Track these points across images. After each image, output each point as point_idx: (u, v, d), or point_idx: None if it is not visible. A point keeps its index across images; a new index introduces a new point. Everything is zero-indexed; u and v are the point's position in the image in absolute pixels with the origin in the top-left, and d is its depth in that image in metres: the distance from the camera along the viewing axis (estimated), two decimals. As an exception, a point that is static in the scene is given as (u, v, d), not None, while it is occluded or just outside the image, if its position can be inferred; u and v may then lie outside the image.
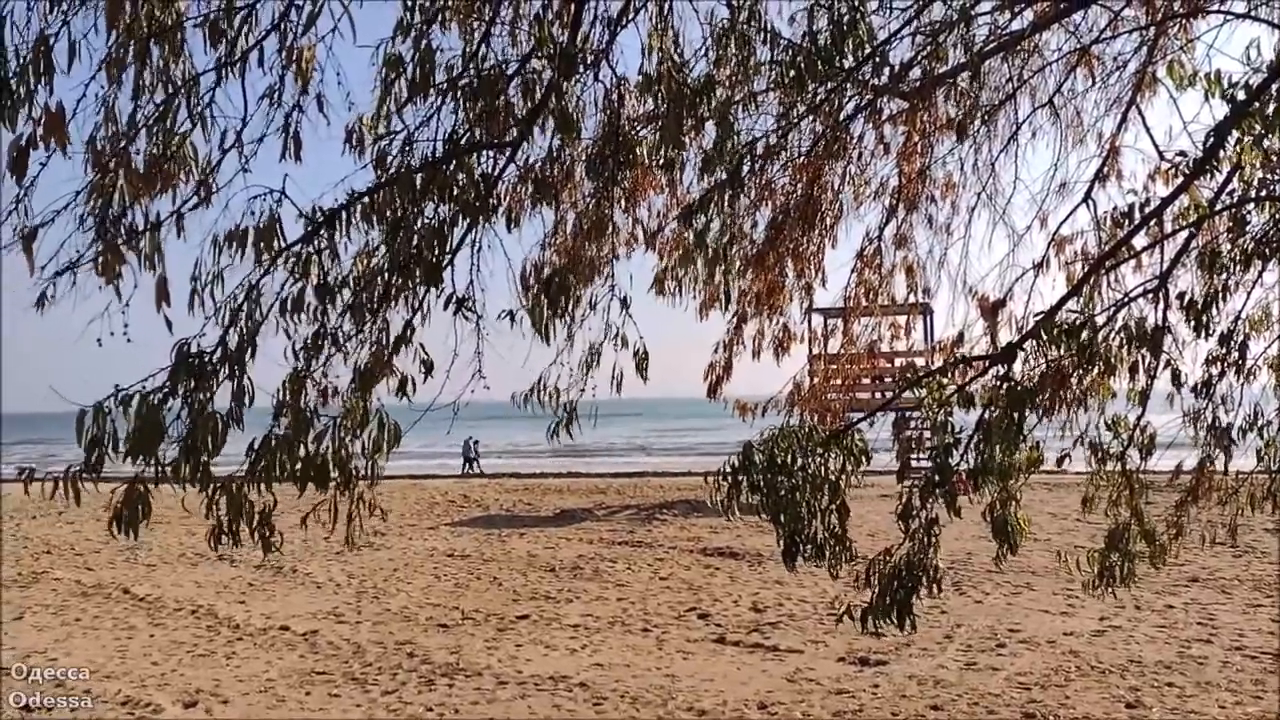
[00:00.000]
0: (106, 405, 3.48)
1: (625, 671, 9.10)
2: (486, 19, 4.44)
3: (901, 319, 9.06)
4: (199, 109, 3.81)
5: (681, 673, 9.04)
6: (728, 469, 4.64)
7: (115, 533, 3.64)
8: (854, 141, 7.06)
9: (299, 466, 3.87)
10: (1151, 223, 5.46)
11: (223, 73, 3.61)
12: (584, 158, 5.12)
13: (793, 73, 4.76)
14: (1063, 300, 5.09)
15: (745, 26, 4.76)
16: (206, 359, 3.72)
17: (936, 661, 9.15)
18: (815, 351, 13.91)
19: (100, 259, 3.43)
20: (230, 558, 15.02)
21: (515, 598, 12.57)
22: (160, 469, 3.55)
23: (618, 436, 59.35)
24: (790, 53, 4.76)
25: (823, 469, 4.70)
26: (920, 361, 12.57)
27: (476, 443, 36.50)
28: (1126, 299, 5.17)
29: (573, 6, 4.03)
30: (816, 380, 9.11)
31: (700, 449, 54.29)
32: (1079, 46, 7.26)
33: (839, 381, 8.90)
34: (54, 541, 17.91)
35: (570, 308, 4.99)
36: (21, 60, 3.43)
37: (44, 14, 3.49)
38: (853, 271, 7.89)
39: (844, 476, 4.76)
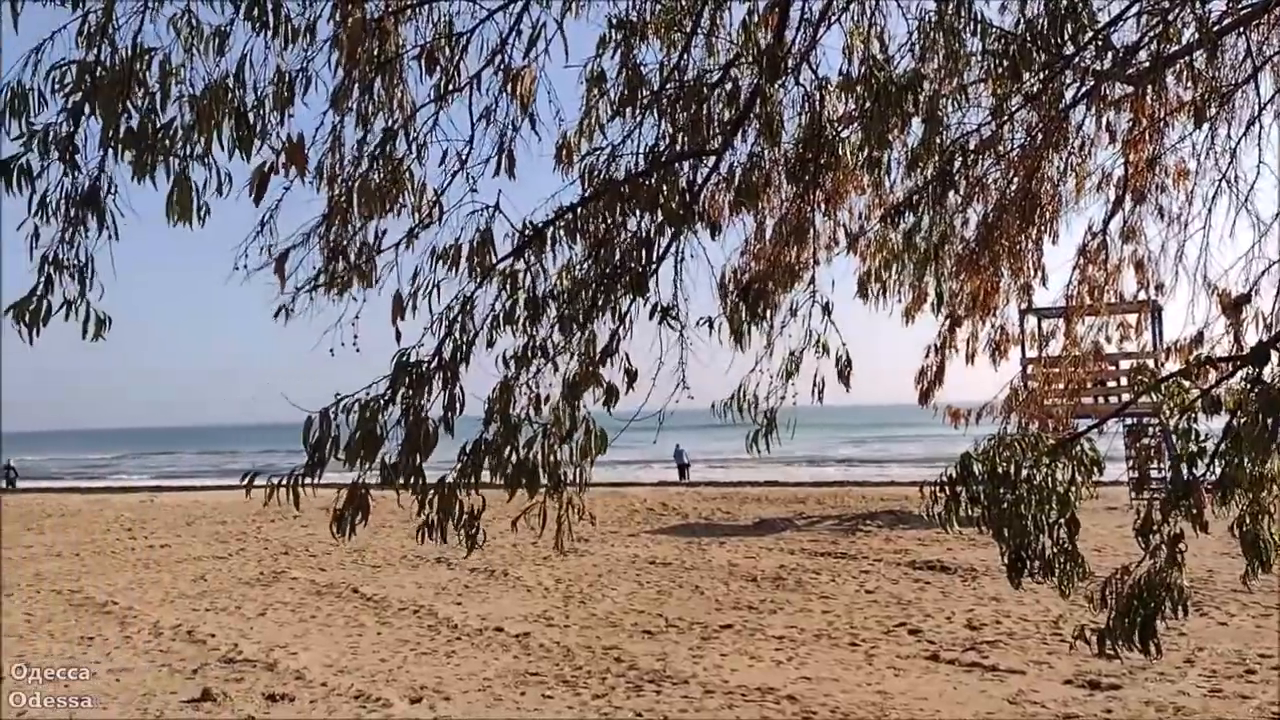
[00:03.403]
0: (331, 412, 3.70)
1: (834, 686, 8.90)
2: (687, 31, 4.46)
3: (1130, 317, 8.41)
4: (418, 136, 4.02)
5: (893, 690, 8.74)
6: (945, 480, 4.44)
7: (335, 534, 3.85)
8: (1074, 131, 6.63)
9: (509, 471, 4.00)
10: None
11: (443, 99, 3.78)
12: (784, 161, 5.06)
13: (1006, 62, 4.54)
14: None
15: (952, 18, 4.58)
16: (423, 368, 3.91)
17: (1177, 687, 8.44)
18: (1032, 354, 13.12)
19: (336, 277, 3.67)
20: (447, 560, 15.79)
21: (718, 607, 12.56)
22: (384, 471, 3.75)
23: (814, 444, 58.39)
24: (1003, 42, 4.54)
25: (1049, 480, 4.43)
26: (1150, 364, 11.65)
27: (685, 451, 37.05)
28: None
29: (778, 11, 3.98)
30: (1036, 385, 8.57)
31: (902, 458, 52.70)
32: (1331, 16, 6.54)
33: (1061, 386, 8.33)
34: (290, 543, 19.40)
35: (768, 314, 4.94)
36: (258, 94, 3.72)
37: (279, 50, 3.77)
38: (1074, 269, 7.39)
39: (1073, 488, 4.46)
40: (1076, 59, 4.86)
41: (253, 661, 10.25)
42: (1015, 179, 6.51)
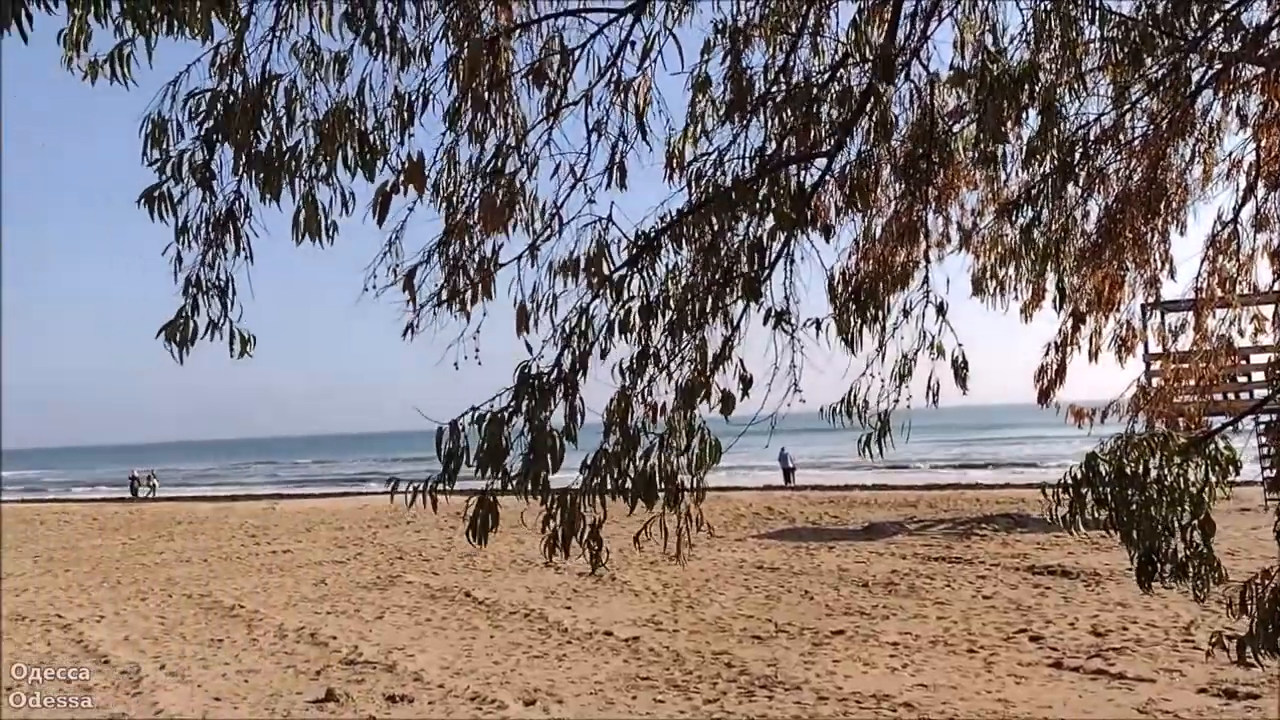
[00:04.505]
0: (460, 423, 3.79)
1: (952, 694, 8.69)
2: (793, 33, 4.43)
3: (1265, 309, 7.96)
4: (531, 151, 4.10)
5: (1015, 698, 8.49)
6: (1069, 481, 4.31)
7: (471, 540, 3.94)
8: (1201, 116, 6.32)
9: (629, 483, 4.02)
10: None
11: (555, 114, 3.84)
12: (894, 159, 4.97)
13: (1127, 49, 4.38)
14: None
15: (1069, 5, 4.44)
16: (545, 380, 3.97)
17: (1321, 699, 7.99)
18: (1156, 350, 12.55)
19: (459, 293, 3.76)
20: (555, 565, 15.99)
21: (828, 612, 12.41)
22: (506, 481, 3.82)
23: (923, 446, 56.99)
24: (1123, 28, 4.39)
25: (1181, 480, 4.25)
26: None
27: (790, 454, 37.01)
28: None
29: (889, 8, 3.92)
30: (1165, 382, 8.19)
31: (1016, 460, 51.20)
32: None
33: (1192, 383, 7.94)
34: (405, 548, 19.92)
35: (880, 316, 4.86)
36: (378, 116, 3.84)
37: (396, 73, 3.89)
38: (1203, 260, 7.05)
39: (1207, 488, 4.27)
40: (1203, 42, 4.65)
41: (372, 663, 10.57)
42: (1139, 169, 6.24)
